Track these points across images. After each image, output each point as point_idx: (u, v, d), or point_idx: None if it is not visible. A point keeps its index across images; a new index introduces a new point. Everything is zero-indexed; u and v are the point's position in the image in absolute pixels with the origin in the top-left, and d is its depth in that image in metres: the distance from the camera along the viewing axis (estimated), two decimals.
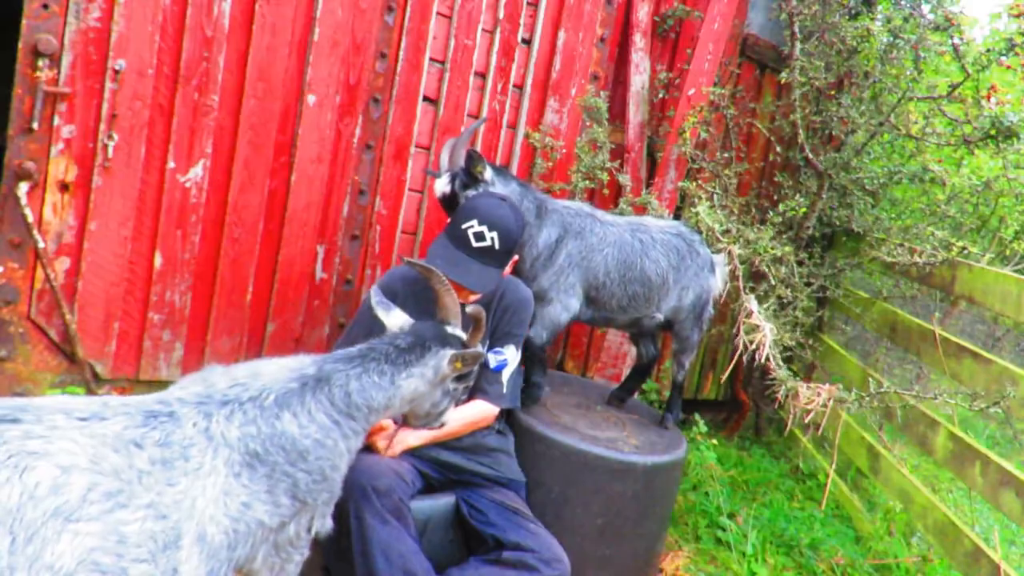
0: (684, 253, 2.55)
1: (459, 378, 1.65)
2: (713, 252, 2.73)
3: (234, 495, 1.29)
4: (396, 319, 1.64)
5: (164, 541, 1.18)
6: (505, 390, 2.15)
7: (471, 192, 2.26)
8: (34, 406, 1.14)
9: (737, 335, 2.62)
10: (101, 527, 1.10)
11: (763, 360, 2.51)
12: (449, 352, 1.58)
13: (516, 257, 2.14)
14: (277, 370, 1.43)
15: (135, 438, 1.20)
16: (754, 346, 2.49)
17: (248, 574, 1.45)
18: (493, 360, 2.14)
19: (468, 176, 2.29)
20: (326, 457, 1.42)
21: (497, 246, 1.95)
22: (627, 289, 2.47)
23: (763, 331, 2.49)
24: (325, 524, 1.53)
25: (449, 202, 2.32)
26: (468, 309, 1.67)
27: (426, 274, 1.65)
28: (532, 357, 2.46)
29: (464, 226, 1.96)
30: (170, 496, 1.20)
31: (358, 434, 1.50)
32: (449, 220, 2.06)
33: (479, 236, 1.94)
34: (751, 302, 2.59)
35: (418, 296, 2.12)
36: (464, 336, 1.63)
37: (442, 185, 2.32)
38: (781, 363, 2.56)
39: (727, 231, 2.83)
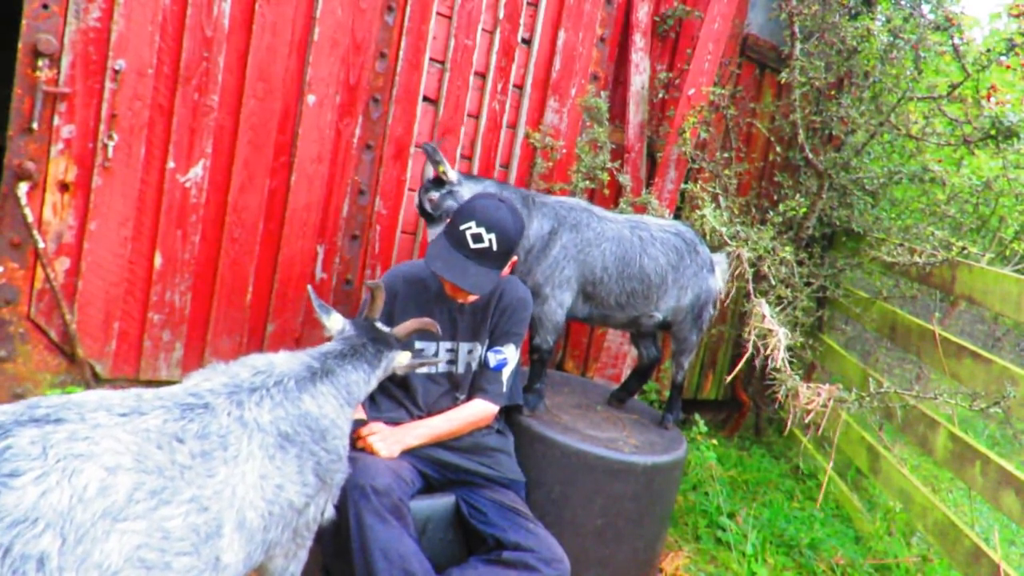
0: (683, 252, 2.53)
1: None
2: (716, 253, 2.72)
3: (270, 478, 1.36)
4: (336, 321, 1.76)
5: (206, 532, 1.22)
6: (504, 389, 2.15)
7: (434, 194, 2.30)
8: (76, 404, 1.17)
9: (744, 336, 2.62)
10: (146, 525, 1.14)
11: (777, 364, 2.49)
12: (406, 355, 1.78)
13: (515, 258, 2.14)
14: (288, 360, 1.53)
15: (176, 432, 1.24)
16: (769, 350, 2.49)
17: (270, 559, 1.50)
18: (493, 359, 2.15)
19: (431, 181, 2.33)
20: (340, 437, 1.53)
21: (495, 248, 1.95)
22: (625, 286, 2.45)
23: (777, 335, 2.48)
24: (329, 509, 1.60)
25: (423, 213, 2.37)
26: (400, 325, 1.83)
27: (373, 289, 1.80)
28: (542, 362, 2.46)
29: (462, 227, 1.96)
30: (211, 487, 1.25)
31: (350, 421, 1.63)
32: (448, 220, 2.06)
33: (477, 238, 1.94)
34: (763, 306, 2.58)
35: (418, 297, 2.12)
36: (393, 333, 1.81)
37: (416, 202, 2.39)
38: (789, 367, 2.55)
39: (735, 235, 2.83)
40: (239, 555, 1.30)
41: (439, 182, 2.32)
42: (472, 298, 2.09)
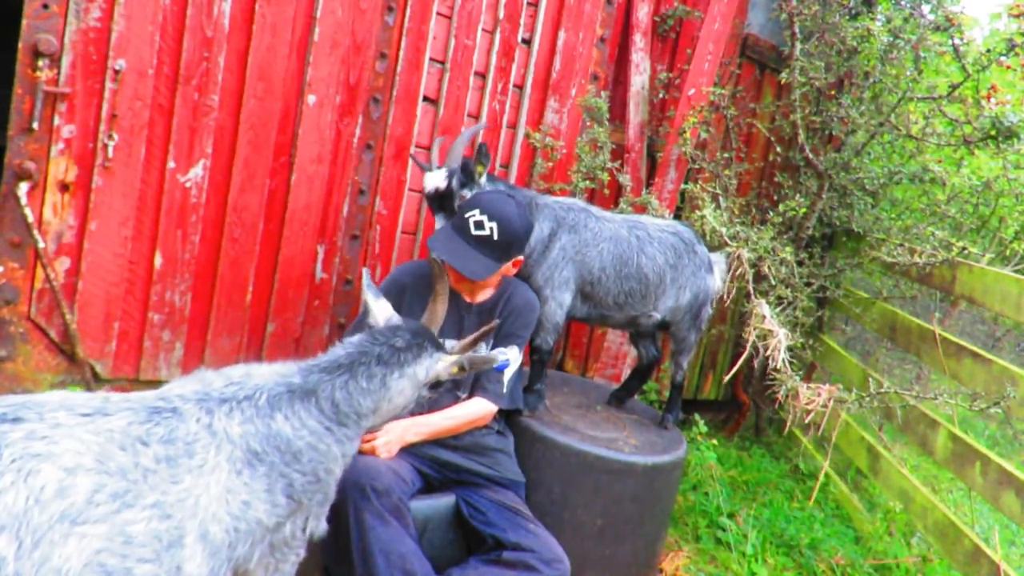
0: (682, 252, 2.54)
1: (435, 386, 1.64)
2: (714, 253, 2.72)
3: (236, 493, 1.29)
4: (383, 308, 1.65)
5: (168, 540, 1.17)
6: (505, 390, 2.16)
7: (467, 192, 2.25)
8: (35, 403, 1.13)
9: (744, 337, 2.62)
10: (107, 528, 1.09)
11: (778, 365, 2.49)
12: (449, 358, 1.61)
13: (520, 258, 2.15)
14: (268, 373, 1.44)
15: (140, 435, 1.19)
16: (769, 351, 2.48)
17: (244, 574, 1.44)
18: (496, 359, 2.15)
19: (466, 174, 2.26)
20: (319, 460, 1.42)
21: (496, 237, 1.98)
22: (623, 285, 2.45)
23: (777, 336, 2.48)
24: (320, 526, 1.52)
25: (441, 199, 2.26)
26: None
27: (437, 272, 1.67)
28: (542, 363, 2.46)
29: (467, 215, 2.01)
30: (174, 494, 1.19)
31: (352, 439, 1.50)
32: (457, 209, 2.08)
33: (479, 225, 1.98)
34: (763, 307, 2.58)
35: (425, 292, 2.14)
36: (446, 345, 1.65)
37: (437, 179, 2.25)
38: (790, 368, 2.54)
39: (735, 235, 2.82)
40: (202, 569, 1.23)
41: (471, 178, 2.26)
42: (480, 298, 2.12)
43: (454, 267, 1.97)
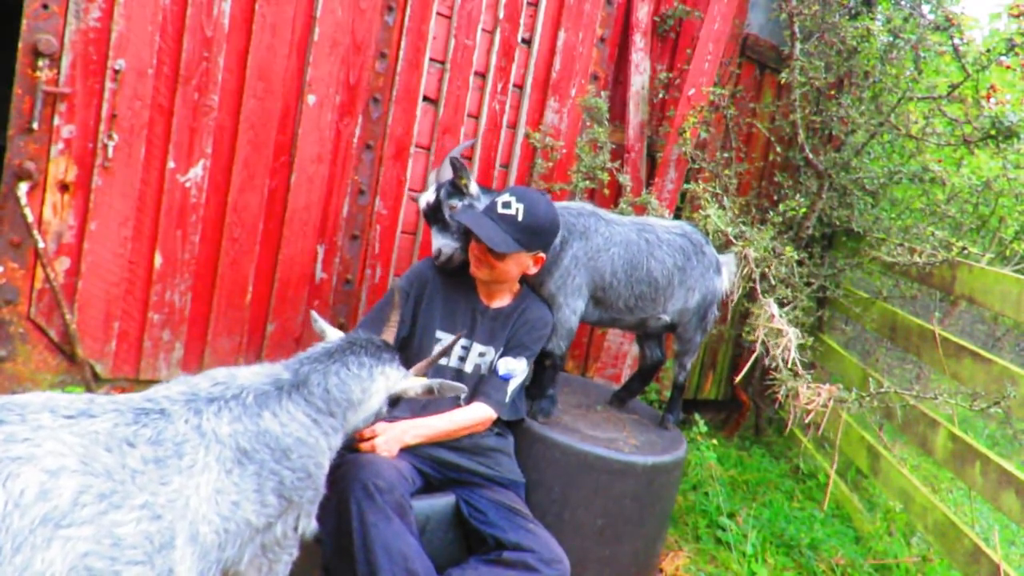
0: (690, 254, 2.53)
1: (394, 402, 1.68)
2: (722, 255, 2.72)
3: (225, 493, 1.28)
4: (335, 333, 1.70)
5: (160, 542, 1.15)
6: (507, 399, 2.16)
7: (456, 202, 2.23)
8: (18, 404, 1.11)
9: (744, 337, 2.61)
10: (94, 530, 1.07)
11: (788, 365, 2.49)
12: (419, 379, 1.66)
13: (543, 255, 2.16)
14: (252, 374, 1.45)
15: (127, 436, 1.17)
16: (780, 350, 2.48)
17: (236, 575, 1.44)
18: (502, 367, 2.16)
19: (453, 187, 2.24)
20: (309, 455, 1.43)
21: (520, 218, 2.03)
22: (634, 289, 2.44)
23: (787, 336, 2.48)
24: (311, 524, 1.52)
25: (434, 212, 2.25)
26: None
27: (395, 305, 1.83)
28: (555, 368, 2.45)
29: (498, 199, 2.08)
30: (164, 495, 1.18)
31: (337, 431, 1.52)
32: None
33: (506, 204, 2.05)
34: (772, 306, 2.58)
35: (445, 288, 2.19)
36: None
37: (428, 195, 2.27)
38: (798, 367, 2.53)
39: (740, 235, 2.82)
40: (191, 571, 1.22)
41: (459, 190, 2.26)
42: (496, 303, 2.17)
43: (476, 234, 2.00)
